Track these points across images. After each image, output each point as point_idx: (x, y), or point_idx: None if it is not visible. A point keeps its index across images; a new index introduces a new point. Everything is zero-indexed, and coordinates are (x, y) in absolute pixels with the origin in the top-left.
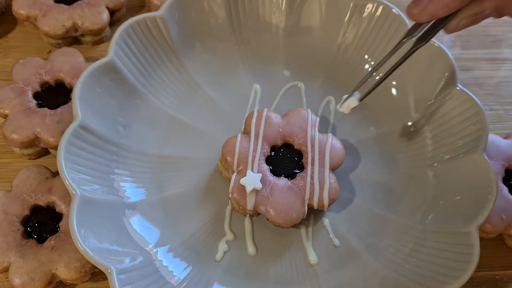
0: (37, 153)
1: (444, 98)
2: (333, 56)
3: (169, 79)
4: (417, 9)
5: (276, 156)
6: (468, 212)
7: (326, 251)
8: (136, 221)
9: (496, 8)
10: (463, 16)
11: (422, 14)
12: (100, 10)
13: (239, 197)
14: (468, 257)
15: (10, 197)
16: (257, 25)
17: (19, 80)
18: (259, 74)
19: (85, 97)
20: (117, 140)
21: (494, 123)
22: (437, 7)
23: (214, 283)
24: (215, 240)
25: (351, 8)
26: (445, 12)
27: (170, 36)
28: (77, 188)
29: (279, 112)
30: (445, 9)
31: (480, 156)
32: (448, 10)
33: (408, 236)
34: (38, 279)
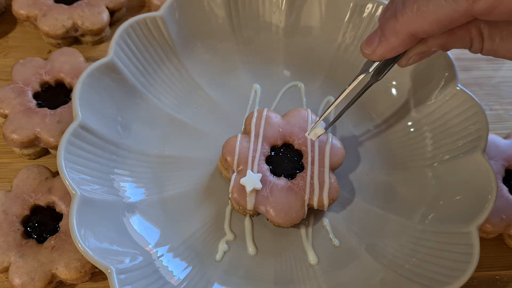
0: (37, 153)
1: (444, 98)
2: (333, 56)
3: (169, 79)
4: (369, 50)
5: (276, 156)
6: (468, 212)
7: (326, 251)
8: (136, 221)
9: (442, 46)
10: (411, 54)
11: (373, 54)
12: (100, 10)
13: (239, 197)
14: (468, 257)
15: (10, 197)
16: (257, 25)
17: (19, 80)
18: (259, 74)
19: (85, 97)
20: (117, 140)
21: (494, 123)
22: (385, 50)
23: (214, 283)
24: (215, 240)
25: (351, 8)
26: (392, 55)
27: (170, 36)
28: (77, 188)
29: (279, 112)
30: (392, 52)
31: (480, 156)
32: (394, 53)
33: (408, 236)
34: (38, 279)
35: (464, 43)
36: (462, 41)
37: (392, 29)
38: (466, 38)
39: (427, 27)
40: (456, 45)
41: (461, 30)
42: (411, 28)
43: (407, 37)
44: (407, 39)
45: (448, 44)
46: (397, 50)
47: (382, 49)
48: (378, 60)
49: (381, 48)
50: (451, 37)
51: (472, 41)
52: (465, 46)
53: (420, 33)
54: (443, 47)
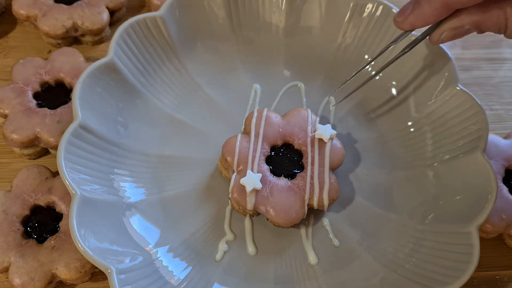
0: (37, 153)
1: (444, 98)
2: (333, 56)
3: (169, 79)
4: (400, 18)
5: (276, 156)
6: (468, 212)
7: (326, 251)
8: (136, 221)
9: (475, 24)
10: (444, 29)
11: (404, 23)
12: (100, 10)
13: (239, 197)
14: (468, 257)
15: (10, 197)
16: (257, 25)
17: (19, 80)
18: (259, 74)
19: (85, 97)
20: (117, 140)
21: (494, 123)
22: (417, 18)
23: (214, 283)
24: (215, 240)
25: (351, 8)
26: (423, 24)
27: (170, 36)
28: (77, 188)
29: (279, 112)
30: (423, 21)
31: (480, 156)
32: (425, 22)
33: (408, 236)
34: (38, 279)
35: (498, 24)
36: (496, 21)
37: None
38: (501, 17)
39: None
40: (490, 25)
41: (496, 8)
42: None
43: (440, 6)
44: (440, 7)
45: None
46: (429, 19)
47: (413, 16)
48: (409, 29)
49: (413, 15)
50: (485, 15)
51: (507, 22)
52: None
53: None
54: (477, 26)
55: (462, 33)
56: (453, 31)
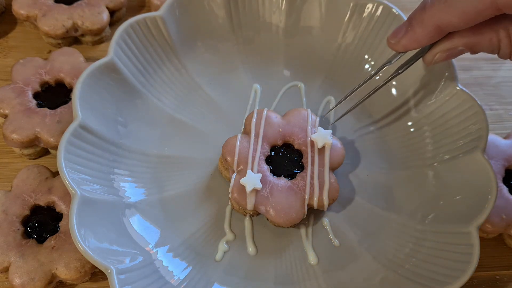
0: (37, 153)
1: (444, 98)
2: (333, 56)
3: (169, 79)
4: (394, 40)
5: (276, 156)
6: (468, 212)
7: (326, 251)
8: (136, 221)
9: (468, 45)
10: (437, 51)
11: (397, 45)
12: (100, 10)
13: (239, 197)
14: (468, 257)
15: (10, 197)
16: (257, 25)
17: (19, 80)
18: (259, 74)
19: (85, 97)
20: (117, 140)
21: (494, 123)
22: (410, 41)
23: (214, 283)
24: (215, 240)
25: (351, 8)
26: (416, 46)
27: (170, 36)
28: (77, 188)
29: (279, 112)
30: (416, 43)
31: (480, 156)
32: (418, 45)
33: (408, 236)
34: (38, 279)
35: (491, 45)
36: (489, 42)
37: (419, 20)
38: (493, 39)
39: (453, 19)
40: (483, 47)
41: (489, 30)
42: (438, 20)
43: (433, 29)
44: (432, 31)
45: (475, 44)
46: (421, 42)
47: (407, 39)
48: (402, 51)
49: (406, 38)
50: (478, 37)
51: (500, 43)
52: (492, 49)
53: (446, 25)
54: (470, 48)
55: (455, 54)
56: (446, 52)
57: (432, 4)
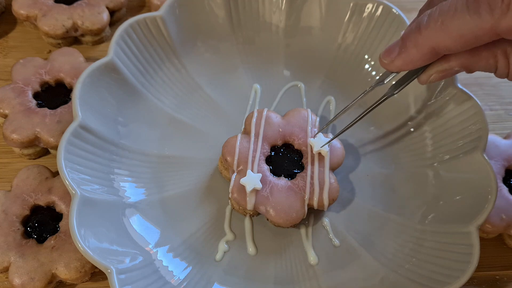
0: (37, 153)
1: (444, 98)
2: (333, 56)
3: (169, 79)
4: (387, 60)
5: (276, 156)
6: (468, 212)
7: (326, 251)
8: (136, 221)
9: (464, 66)
10: (433, 71)
11: (391, 65)
12: (100, 10)
13: (239, 197)
14: (468, 257)
15: (10, 197)
16: (257, 25)
17: (19, 80)
18: (259, 74)
19: (85, 97)
20: (117, 140)
21: (494, 123)
22: (404, 62)
23: (214, 283)
24: (215, 240)
25: (351, 8)
26: (410, 67)
27: (170, 36)
28: (77, 188)
29: (279, 112)
30: (410, 65)
31: (480, 156)
32: (412, 66)
33: (408, 236)
34: (38, 279)
35: (488, 65)
36: (486, 63)
37: (414, 41)
38: (490, 60)
39: (449, 42)
40: (480, 67)
41: (486, 51)
42: (433, 42)
43: (428, 51)
44: (428, 53)
45: (471, 65)
46: (416, 64)
47: (400, 60)
48: (396, 71)
49: (400, 59)
50: (474, 58)
51: (497, 64)
52: (489, 69)
53: (442, 48)
54: (466, 68)
55: (451, 74)
56: (442, 73)
57: (427, 26)
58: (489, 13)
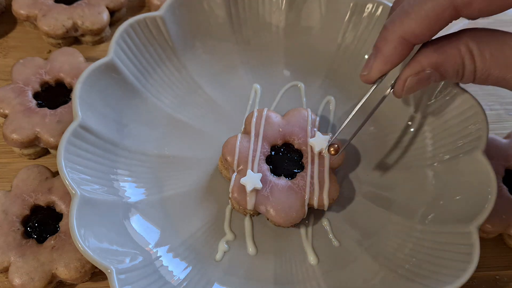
0: (37, 153)
1: (444, 98)
2: (333, 56)
3: (169, 79)
4: (366, 70)
5: (276, 155)
6: (468, 212)
7: (326, 251)
8: (136, 221)
9: (434, 65)
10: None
11: (371, 72)
12: (100, 10)
13: (239, 196)
14: (468, 257)
15: (10, 197)
16: (257, 25)
17: (19, 80)
18: (259, 74)
19: (85, 97)
20: (117, 140)
21: (494, 123)
22: (381, 63)
23: (214, 283)
24: (215, 240)
25: (351, 8)
26: (389, 66)
27: (170, 36)
28: (77, 188)
29: (279, 112)
30: (388, 64)
31: (480, 156)
32: (390, 65)
33: (408, 236)
34: (38, 279)
35: (455, 63)
36: (454, 60)
37: (383, 38)
38: (457, 56)
39: (415, 26)
40: (449, 66)
41: (451, 47)
42: (401, 31)
43: (398, 43)
44: (399, 45)
45: (441, 64)
46: (393, 60)
47: (377, 62)
48: (377, 77)
49: (376, 62)
50: (442, 56)
51: (464, 59)
52: (457, 68)
53: (410, 35)
54: (436, 67)
55: (424, 78)
56: (415, 77)
57: (392, 20)
58: None
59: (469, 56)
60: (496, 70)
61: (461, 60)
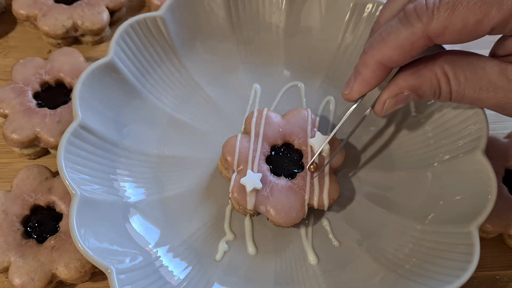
0: (37, 153)
1: None
2: (333, 56)
3: (169, 79)
4: (347, 90)
5: (276, 155)
6: (468, 212)
7: (326, 251)
8: (136, 221)
9: (411, 88)
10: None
11: (351, 93)
12: (100, 10)
13: (239, 196)
14: (468, 257)
15: (10, 197)
16: (257, 25)
17: (19, 80)
18: (259, 74)
19: (85, 97)
20: (117, 140)
21: (494, 123)
22: (360, 85)
23: (214, 283)
24: (215, 240)
25: (351, 8)
26: (368, 88)
27: (170, 36)
28: (77, 188)
29: (279, 112)
30: (366, 86)
31: (480, 156)
32: (368, 87)
33: (408, 236)
34: (38, 279)
35: (432, 85)
36: (430, 83)
37: (363, 63)
38: (433, 79)
39: (391, 52)
40: (425, 88)
41: (428, 71)
42: (378, 56)
43: (376, 66)
44: (376, 69)
45: (418, 86)
46: (371, 83)
47: (357, 84)
48: (358, 97)
49: (356, 83)
50: (420, 79)
51: (439, 82)
52: (434, 89)
53: (387, 60)
54: (413, 90)
55: (402, 99)
56: (393, 98)
57: (370, 46)
58: (418, 20)
59: (444, 79)
60: (470, 91)
61: (437, 83)
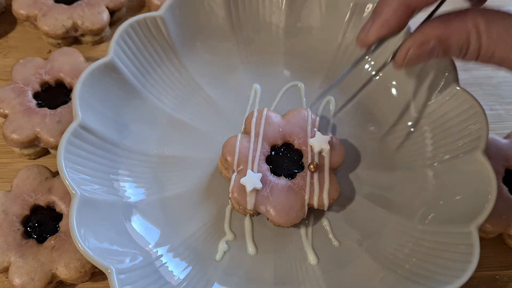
0: (37, 153)
1: (444, 98)
2: (333, 56)
3: (169, 79)
4: (363, 34)
5: (276, 155)
6: (468, 212)
7: (326, 251)
8: (136, 221)
9: (439, 38)
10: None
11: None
12: (100, 10)
13: (239, 196)
14: (468, 257)
15: (10, 197)
16: (257, 25)
17: (19, 80)
18: (259, 74)
19: (85, 97)
20: (117, 140)
21: (494, 123)
22: (379, 25)
23: (214, 283)
24: (215, 240)
25: (351, 8)
26: (387, 29)
27: (170, 36)
28: (77, 188)
29: (279, 112)
30: (385, 27)
31: (480, 156)
32: (388, 28)
33: (408, 236)
34: (38, 279)
35: (460, 38)
36: (459, 35)
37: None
38: (462, 31)
39: None
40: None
41: (458, 22)
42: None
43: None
44: (399, 8)
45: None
46: (391, 24)
47: (375, 25)
48: (374, 40)
49: (375, 24)
50: (448, 29)
51: (469, 36)
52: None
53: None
54: (441, 42)
55: (427, 51)
56: (418, 48)
57: None
58: None
59: (475, 32)
60: (502, 50)
61: (466, 35)
